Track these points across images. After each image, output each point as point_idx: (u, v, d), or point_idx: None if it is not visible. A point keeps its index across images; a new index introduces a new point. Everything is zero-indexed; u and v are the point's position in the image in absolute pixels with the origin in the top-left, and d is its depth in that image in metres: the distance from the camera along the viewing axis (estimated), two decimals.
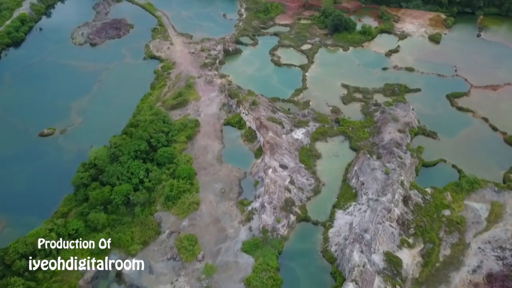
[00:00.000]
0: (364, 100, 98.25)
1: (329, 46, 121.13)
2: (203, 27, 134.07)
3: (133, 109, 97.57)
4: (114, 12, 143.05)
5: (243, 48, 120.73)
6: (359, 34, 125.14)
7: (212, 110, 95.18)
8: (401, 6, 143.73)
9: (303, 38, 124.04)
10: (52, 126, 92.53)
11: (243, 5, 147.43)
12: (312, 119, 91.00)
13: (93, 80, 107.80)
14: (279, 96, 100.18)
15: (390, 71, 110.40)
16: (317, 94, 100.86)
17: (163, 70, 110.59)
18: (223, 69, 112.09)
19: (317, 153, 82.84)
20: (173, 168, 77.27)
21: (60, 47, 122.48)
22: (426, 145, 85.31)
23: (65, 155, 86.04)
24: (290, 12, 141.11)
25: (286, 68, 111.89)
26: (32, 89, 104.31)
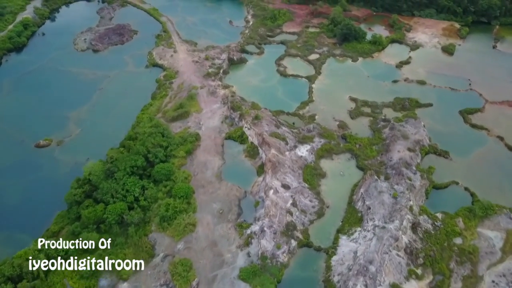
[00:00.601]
0: (372, 115, 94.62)
1: (337, 56, 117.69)
2: (208, 34, 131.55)
3: (132, 120, 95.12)
4: (119, 17, 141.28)
5: (249, 57, 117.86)
6: (369, 44, 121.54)
7: (214, 123, 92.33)
8: (414, 14, 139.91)
9: (310, 48, 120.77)
10: (49, 136, 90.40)
11: (250, 11, 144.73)
12: (317, 135, 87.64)
13: (93, 88, 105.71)
14: (284, 109, 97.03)
15: (401, 84, 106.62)
16: (324, 108, 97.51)
17: (165, 79, 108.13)
18: (227, 79, 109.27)
19: (321, 171, 79.44)
20: (170, 186, 74.48)
21: (62, 53, 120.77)
22: (437, 165, 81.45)
23: (60, 168, 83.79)
24: (298, 19, 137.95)
25: (292, 79, 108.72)
26: (30, 97, 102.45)
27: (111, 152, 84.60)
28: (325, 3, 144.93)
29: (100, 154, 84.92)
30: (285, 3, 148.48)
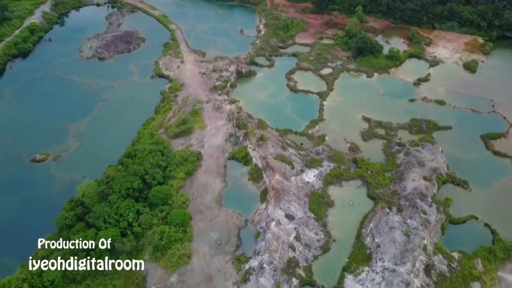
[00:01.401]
0: (386, 138, 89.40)
1: (351, 71, 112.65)
2: (217, 44, 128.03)
3: (133, 134, 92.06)
4: (127, 24, 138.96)
5: (258, 69, 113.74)
6: (385, 58, 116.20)
7: (217, 141, 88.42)
8: (434, 27, 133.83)
9: (323, 61, 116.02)
10: (46, 150, 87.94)
11: (262, 20, 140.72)
12: (326, 158, 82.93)
13: (96, 99, 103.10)
14: (292, 127, 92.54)
15: (418, 103, 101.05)
16: (335, 128, 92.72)
17: (170, 92, 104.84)
18: (234, 93, 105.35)
19: (329, 200, 74.68)
20: (166, 211, 70.73)
21: (67, 60, 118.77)
22: (455, 197, 75.90)
23: (55, 185, 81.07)
24: (311, 30, 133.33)
25: (303, 95, 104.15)
26: (31, 107, 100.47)
27: (108, 170, 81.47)
28: (341, 13, 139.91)
29: (97, 172, 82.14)
30: (299, 12, 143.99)
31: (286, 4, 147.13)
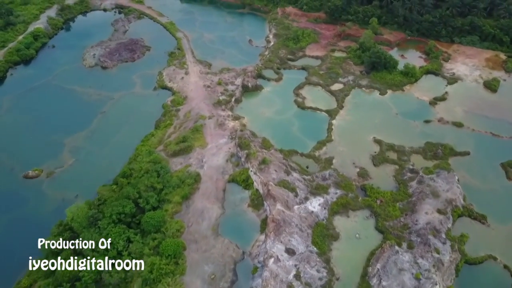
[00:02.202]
0: (398, 163, 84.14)
1: (363, 88, 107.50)
2: (225, 54, 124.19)
3: (131, 151, 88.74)
4: (133, 31, 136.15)
5: (265, 83, 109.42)
6: (400, 74, 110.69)
7: (218, 161, 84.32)
8: (453, 41, 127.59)
9: (334, 76, 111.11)
10: (40, 166, 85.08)
11: (272, 30, 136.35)
12: (333, 184, 78.09)
13: (95, 111, 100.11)
14: (298, 148, 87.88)
15: (434, 125, 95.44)
16: (343, 150, 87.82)
17: (172, 105, 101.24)
18: (239, 108, 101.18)
19: (334, 232, 69.85)
20: (158, 240, 66.70)
21: (69, 68, 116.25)
22: (471, 233, 70.42)
23: (46, 204, 78.01)
24: (323, 41, 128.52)
25: (311, 112, 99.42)
26: (28, 117, 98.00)
27: (102, 190, 78.50)
28: (355, 24, 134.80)
29: (91, 190, 79.45)
30: (311, 22, 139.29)
31: (298, 13, 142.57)
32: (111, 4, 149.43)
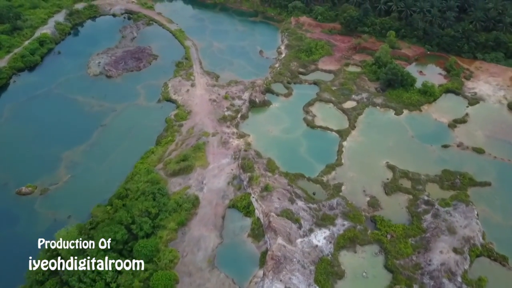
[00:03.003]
0: (413, 193, 78.63)
1: (378, 106, 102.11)
2: (233, 66, 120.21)
3: (130, 168, 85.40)
4: (141, 38, 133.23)
5: (274, 98, 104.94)
6: (418, 93, 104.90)
7: (219, 183, 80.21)
8: (476, 57, 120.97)
9: (347, 92, 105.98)
10: (34, 181, 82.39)
11: (284, 40, 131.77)
12: (341, 214, 73.17)
13: (96, 123, 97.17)
14: (305, 171, 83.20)
15: (452, 150, 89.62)
16: (354, 175, 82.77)
17: (175, 120, 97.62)
18: (245, 125, 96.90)
19: (339, 269, 64.94)
20: (150, 271, 62.82)
21: (73, 77, 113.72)
22: (490, 276, 64.75)
23: (38, 224, 75.08)
24: (337, 54, 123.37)
25: (321, 131, 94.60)
26: (27, 128, 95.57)
27: (96, 211, 75.41)
28: (371, 36, 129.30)
29: (84, 211, 76.71)
30: (325, 33, 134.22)
31: (312, 23, 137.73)
32: (120, 10, 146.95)
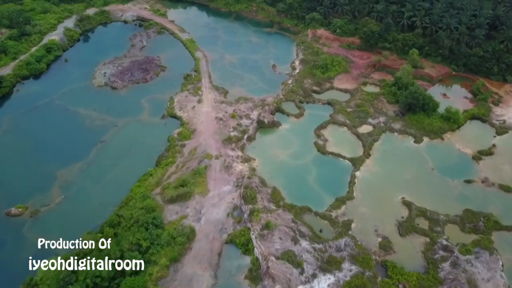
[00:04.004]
0: (430, 235, 72.04)
1: (396, 132, 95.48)
2: (244, 81, 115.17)
3: (126, 191, 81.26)
4: (150, 47, 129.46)
5: (284, 119, 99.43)
6: (440, 119, 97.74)
7: (218, 214, 75.18)
8: (506, 80, 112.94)
9: (363, 115, 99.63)
10: (25, 201, 78.98)
11: (299, 54, 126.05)
12: (348, 257, 67.22)
13: (95, 139, 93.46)
14: (313, 204, 77.57)
15: (476, 186, 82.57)
16: (365, 211, 76.66)
17: (178, 139, 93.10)
18: (251, 147, 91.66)
19: None
20: None
21: (77, 87, 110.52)
22: None
23: (24, 249, 71.20)
24: (355, 72, 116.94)
25: (332, 158, 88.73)
26: (24, 142, 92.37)
27: (86, 238, 70.52)
28: (392, 53, 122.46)
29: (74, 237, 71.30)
30: (343, 47, 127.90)
31: (329, 37, 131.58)
32: (132, 16, 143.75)
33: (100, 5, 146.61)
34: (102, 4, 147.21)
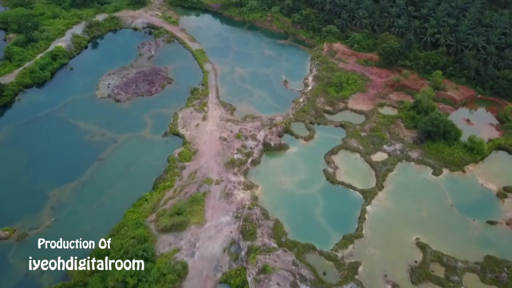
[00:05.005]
0: (445, 285, 65.59)
1: (413, 162, 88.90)
2: (253, 97, 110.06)
3: (119, 216, 77.05)
4: (159, 56, 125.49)
5: (292, 141, 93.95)
6: (462, 149, 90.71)
7: (214, 249, 70.23)
8: None
9: (378, 141, 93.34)
10: (13, 223, 75.69)
11: (313, 70, 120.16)
12: None
13: (93, 156, 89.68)
14: (318, 241, 72.13)
15: (500, 228, 75.69)
16: (375, 253, 70.65)
17: (179, 159, 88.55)
18: (254, 173, 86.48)
19: None
20: None
21: (80, 98, 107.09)
22: None
23: (6, 277, 68.10)
24: (371, 91, 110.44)
25: (342, 189, 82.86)
26: (19, 157, 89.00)
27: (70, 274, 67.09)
28: (413, 72, 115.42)
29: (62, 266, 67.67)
30: (360, 64, 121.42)
31: (346, 52, 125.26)
32: (142, 23, 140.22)
33: (111, 11, 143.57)
34: (112, 10, 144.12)
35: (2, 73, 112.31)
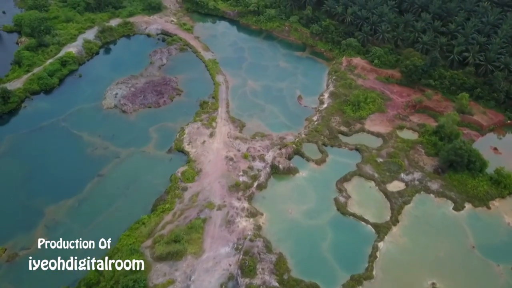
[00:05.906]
0: None
1: (432, 194, 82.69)
2: (264, 113, 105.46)
3: (115, 239, 73.12)
4: (170, 65, 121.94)
5: (302, 164, 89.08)
6: (488, 181, 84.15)
7: (210, 284, 65.84)
8: None
9: (395, 169, 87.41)
10: (5, 242, 73.09)
11: (330, 85, 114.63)
12: None
13: (93, 172, 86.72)
14: (323, 281, 67.51)
15: None
16: None
17: (181, 179, 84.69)
18: (260, 198, 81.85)
19: None
20: None
21: (86, 108, 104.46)
22: None
23: None
24: (391, 112, 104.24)
25: (353, 221, 77.55)
26: (18, 169, 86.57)
27: None
28: (437, 92, 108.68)
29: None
30: (381, 81, 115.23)
31: (366, 67, 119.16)
32: (156, 30, 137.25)
33: (125, 16, 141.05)
34: (127, 15, 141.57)
35: (11, 78, 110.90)
